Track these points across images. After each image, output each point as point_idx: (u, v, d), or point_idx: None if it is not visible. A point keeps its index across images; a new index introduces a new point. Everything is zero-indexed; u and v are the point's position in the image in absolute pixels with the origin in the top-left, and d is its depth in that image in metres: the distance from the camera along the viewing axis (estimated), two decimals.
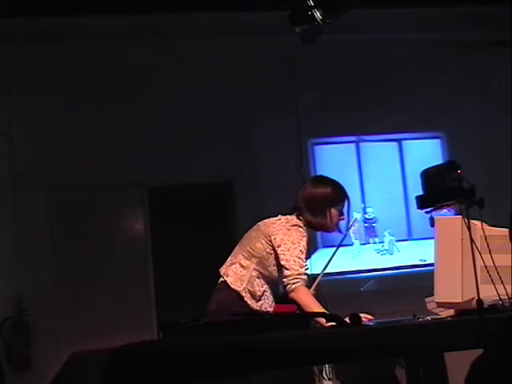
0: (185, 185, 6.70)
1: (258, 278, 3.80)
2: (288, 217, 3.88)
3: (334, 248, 4.18)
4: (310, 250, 3.90)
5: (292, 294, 3.65)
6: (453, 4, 6.81)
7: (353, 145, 7.09)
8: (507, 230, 2.45)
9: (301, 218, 3.87)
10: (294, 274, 3.67)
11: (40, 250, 6.30)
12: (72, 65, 6.49)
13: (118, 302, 6.30)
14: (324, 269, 4.06)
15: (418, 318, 3.38)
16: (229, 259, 3.94)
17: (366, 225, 6.90)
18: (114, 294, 6.31)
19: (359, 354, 2.91)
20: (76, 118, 6.47)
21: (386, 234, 6.88)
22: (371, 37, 6.84)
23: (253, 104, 6.73)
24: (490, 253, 3.23)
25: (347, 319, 3.14)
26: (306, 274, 3.71)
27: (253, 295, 3.78)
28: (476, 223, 3.30)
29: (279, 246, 3.76)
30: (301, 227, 3.81)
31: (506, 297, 3.23)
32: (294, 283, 3.65)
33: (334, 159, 7.04)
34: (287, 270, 3.69)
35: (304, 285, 3.68)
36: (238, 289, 3.79)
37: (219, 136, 6.69)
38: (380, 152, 7.11)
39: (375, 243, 6.91)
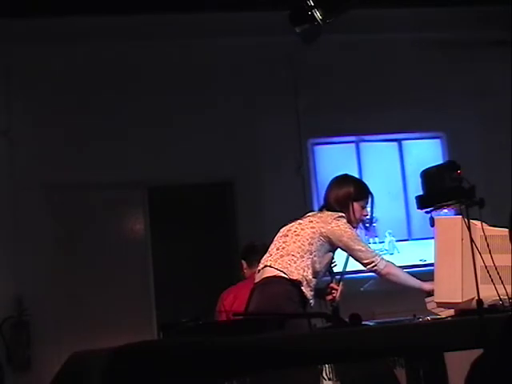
0: (185, 185, 6.70)
1: (309, 269, 3.79)
2: (326, 212, 3.97)
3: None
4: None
5: (383, 271, 3.81)
6: (453, 4, 6.82)
7: (353, 145, 7.09)
8: (507, 229, 2.45)
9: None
10: (373, 256, 3.84)
11: (40, 250, 6.30)
12: (72, 65, 6.50)
13: (118, 302, 6.30)
14: (344, 268, 4.15)
15: (418, 318, 3.38)
16: (274, 253, 3.86)
17: (366, 225, 6.89)
18: (113, 294, 6.31)
19: (359, 354, 2.91)
20: (76, 117, 6.47)
21: (386, 234, 6.88)
22: (371, 37, 6.84)
23: (253, 104, 6.73)
24: (490, 253, 3.23)
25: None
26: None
27: (309, 285, 3.78)
28: (476, 223, 3.30)
29: (346, 245, 3.88)
30: (342, 217, 3.92)
31: (506, 297, 3.22)
32: (380, 262, 3.80)
33: (333, 159, 7.04)
34: (365, 259, 3.86)
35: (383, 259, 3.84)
36: (298, 277, 3.75)
37: (219, 136, 6.69)
38: (380, 152, 7.12)
39: (375, 243, 6.91)
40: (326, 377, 3.11)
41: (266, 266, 3.80)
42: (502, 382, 1.95)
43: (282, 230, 3.94)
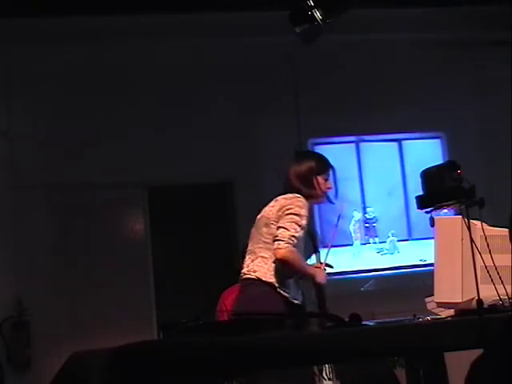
0: (185, 185, 6.70)
1: (277, 271, 3.78)
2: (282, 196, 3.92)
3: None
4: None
5: (284, 252, 3.66)
6: (453, 4, 6.82)
7: (353, 145, 7.09)
8: (507, 229, 2.45)
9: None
10: (291, 234, 3.70)
11: (40, 250, 6.30)
12: (72, 65, 6.49)
13: (118, 302, 6.30)
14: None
15: (418, 318, 3.38)
16: (246, 258, 3.88)
17: (366, 225, 6.90)
18: (114, 294, 6.31)
19: (359, 353, 2.91)
20: (76, 117, 6.47)
21: (389, 234, 6.88)
22: (371, 37, 6.84)
23: (253, 104, 6.73)
24: (490, 253, 3.23)
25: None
26: (297, 239, 3.71)
27: (285, 285, 3.76)
28: (476, 223, 3.30)
29: (283, 214, 3.78)
30: (299, 197, 3.85)
31: (506, 297, 3.23)
32: (286, 241, 3.67)
33: (334, 159, 7.02)
34: (284, 229, 3.71)
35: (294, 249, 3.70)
36: (271, 280, 3.74)
37: (219, 136, 6.69)
38: (380, 152, 7.12)
39: (375, 243, 6.92)
40: (326, 377, 3.11)
41: (243, 274, 3.84)
42: (502, 382, 1.95)
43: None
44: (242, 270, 3.86)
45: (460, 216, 3.28)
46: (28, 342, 6.19)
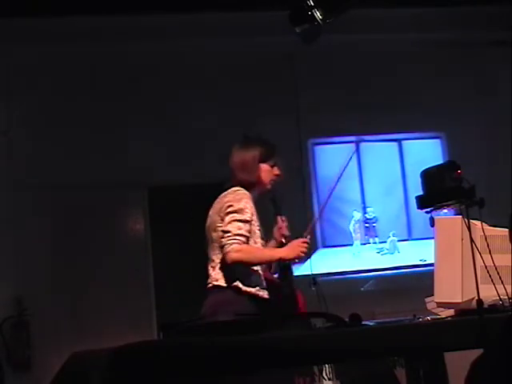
0: (185, 185, 6.70)
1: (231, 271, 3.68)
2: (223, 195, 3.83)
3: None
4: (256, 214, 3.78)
5: (231, 254, 3.54)
6: (453, 4, 6.81)
7: (353, 145, 7.09)
8: (507, 229, 2.46)
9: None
10: (232, 234, 3.58)
11: (40, 250, 6.30)
12: (72, 65, 6.50)
13: (117, 302, 6.30)
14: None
15: (418, 318, 3.38)
16: (208, 267, 3.79)
17: (366, 225, 6.90)
18: (113, 294, 6.31)
19: (359, 354, 2.91)
20: (76, 117, 6.48)
21: (390, 235, 6.88)
22: (371, 37, 6.84)
23: (253, 104, 6.73)
24: (490, 253, 3.24)
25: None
26: (244, 235, 3.60)
27: (250, 283, 3.68)
28: (476, 223, 3.30)
29: (224, 215, 3.67)
30: (238, 190, 3.75)
31: (506, 297, 3.23)
32: (231, 243, 3.56)
33: (334, 159, 7.03)
34: (225, 231, 3.60)
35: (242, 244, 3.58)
36: (234, 284, 3.65)
37: (219, 136, 6.69)
38: (380, 152, 7.12)
39: (375, 243, 6.92)
40: (326, 377, 3.11)
41: (208, 284, 3.76)
42: (502, 382, 1.95)
43: None
44: (208, 280, 3.76)
45: (460, 216, 3.28)
46: (28, 342, 6.19)
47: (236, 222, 3.62)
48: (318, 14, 4.70)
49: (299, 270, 6.02)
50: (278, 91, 6.73)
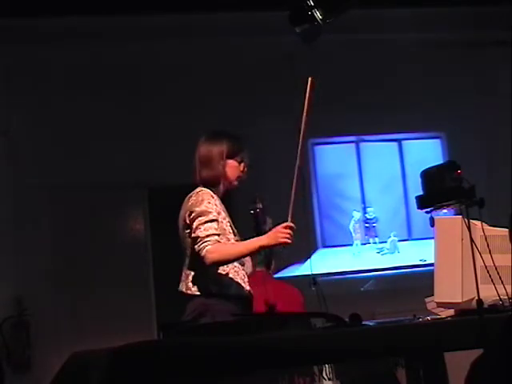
0: (185, 185, 6.67)
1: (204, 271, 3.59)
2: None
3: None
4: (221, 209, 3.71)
5: (208, 257, 3.42)
6: (453, 4, 6.81)
7: (353, 145, 7.09)
8: (507, 229, 2.46)
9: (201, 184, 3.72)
10: (202, 237, 3.47)
11: (40, 250, 6.30)
12: (72, 65, 6.50)
13: (117, 302, 6.30)
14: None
15: (418, 318, 3.38)
16: (183, 275, 3.70)
17: (366, 225, 6.90)
18: (113, 294, 6.30)
19: (359, 353, 2.92)
20: (76, 117, 6.47)
21: (391, 235, 6.88)
22: (371, 37, 6.84)
23: (253, 104, 6.73)
24: (490, 253, 3.24)
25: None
26: (216, 234, 3.49)
27: (221, 286, 3.57)
28: (476, 223, 3.30)
29: (190, 222, 3.57)
30: (198, 191, 3.68)
31: (506, 297, 3.23)
32: (200, 248, 3.45)
33: (333, 159, 7.04)
34: (195, 238, 3.49)
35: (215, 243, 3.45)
36: (205, 291, 3.56)
37: None
38: (380, 152, 7.12)
39: (375, 243, 6.92)
40: (326, 377, 3.11)
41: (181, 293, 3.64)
42: (502, 382, 1.95)
43: None
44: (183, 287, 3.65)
45: (460, 216, 3.28)
46: (28, 342, 6.19)
47: (202, 225, 3.51)
48: (318, 14, 4.70)
49: (299, 270, 6.04)
50: (278, 91, 6.72)
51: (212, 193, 3.69)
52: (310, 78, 3.61)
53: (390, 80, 6.97)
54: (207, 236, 3.48)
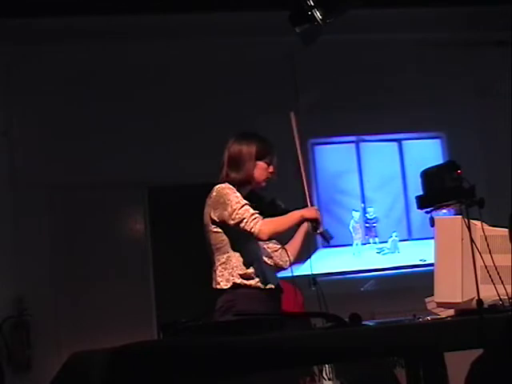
0: (185, 185, 6.70)
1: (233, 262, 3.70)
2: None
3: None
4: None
5: (261, 231, 3.53)
6: (453, 4, 6.82)
7: (353, 145, 7.09)
8: (507, 229, 2.46)
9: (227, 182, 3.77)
10: (247, 217, 3.56)
11: (40, 250, 6.30)
12: (72, 65, 6.50)
13: (117, 302, 6.30)
14: None
15: (418, 318, 3.38)
16: (212, 271, 3.80)
17: (367, 225, 6.90)
18: (113, 294, 6.31)
19: (359, 353, 2.91)
20: (76, 117, 6.48)
21: (393, 235, 6.88)
22: (371, 37, 6.84)
23: (253, 104, 6.72)
24: (490, 253, 3.23)
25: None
26: (258, 212, 3.58)
27: (249, 277, 3.67)
28: (476, 223, 3.30)
29: (220, 215, 3.65)
30: (221, 187, 3.73)
31: (506, 297, 3.23)
32: (252, 226, 3.54)
33: (334, 159, 7.04)
34: (239, 223, 3.57)
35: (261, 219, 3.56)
36: (235, 281, 3.66)
37: (219, 136, 6.66)
38: (380, 152, 7.12)
39: (375, 243, 6.91)
40: (326, 377, 3.11)
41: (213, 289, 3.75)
42: (502, 382, 1.95)
43: None
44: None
45: (460, 216, 3.28)
46: (28, 342, 6.19)
47: (240, 208, 3.58)
48: (318, 14, 4.70)
49: (299, 270, 6.02)
50: (277, 91, 6.73)
51: (233, 188, 3.73)
52: (291, 113, 3.64)
53: (389, 80, 6.97)
54: (252, 215, 3.56)
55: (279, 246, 3.92)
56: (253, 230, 3.55)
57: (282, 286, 3.77)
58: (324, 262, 6.69)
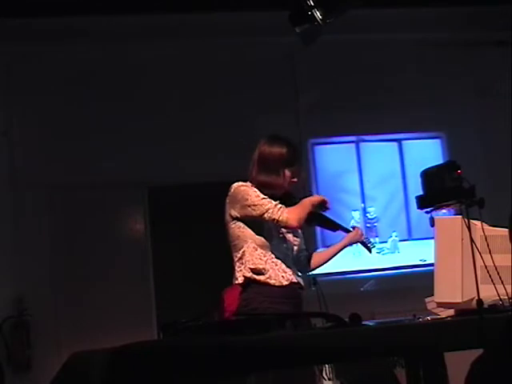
0: (185, 185, 6.70)
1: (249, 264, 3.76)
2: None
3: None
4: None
5: (289, 218, 3.62)
6: (453, 4, 6.82)
7: (353, 145, 7.09)
8: (507, 229, 2.45)
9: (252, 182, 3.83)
10: (272, 207, 3.64)
11: (40, 250, 6.30)
12: (72, 65, 6.50)
13: (117, 302, 6.30)
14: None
15: (418, 318, 3.38)
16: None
17: (368, 225, 6.89)
18: (113, 294, 6.31)
19: (359, 353, 2.91)
20: (76, 117, 6.47)
21: (393, 235, 6.87)
22: (371, 37, 6.84)
23: (253, 104, 6.73)
24: (490, 253, 3.23)
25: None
26: (279, 203, 3.67)
27: (259, 272, 3.73)
28: (476, 223, 3.30)
29: (241, 209, 3.73)
30: (244, 186, 3.79)
31: (506, 297, 3.23)
32: (280, 214, 3.62)
33: (334, 159, 7.04)
34: (264, 213, 3.65)
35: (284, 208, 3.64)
36: (250, 276, 3.73)
37: (219, 136, 6.69)
38: (380, 152, 7.11)
39: (376, 243, 6.91)
40: (325, 377, 3.11)
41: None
42: (502, 382, 1.95)
43: None
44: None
45: (460, 216, 3.28)
46: (28, 342, 6.19)
47: (262, 199, 3.67)
48: (318, 14, 4.70)
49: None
50: (278, 91, 6.73)
51: (251, 186, 3.81)
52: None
53: (389, 80, 6.97)
54: (276, 205, 3.64)
55: (299, 240, 3.94)
56: (281, 219, 3.63)
57: (299, 282, 3.82)
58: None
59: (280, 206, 3.66)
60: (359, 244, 4.03)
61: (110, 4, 6.13)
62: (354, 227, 4.08)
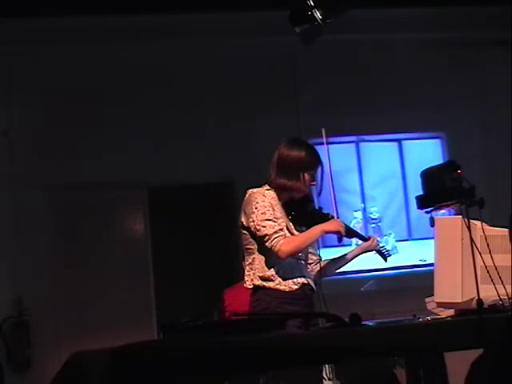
0: (185, 185, 6.70)
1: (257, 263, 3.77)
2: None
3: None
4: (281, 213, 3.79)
5: (280, 250, 3.60)
6: (453, 4, 6.81)
7: (353, 145, 7.09)
8: (507, 229, 2.45)
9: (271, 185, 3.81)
10: (270, 235, 3.63)
11: (40, 250, 6.30)
12: (72, 65, 6.49)
13: (118, 302, 6.30)
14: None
15: (418, 318, 3.38)
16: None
17: (372, 225, 6.89)
18: (113, 294, 6.31)
19: (359, 353, 2.91)
20: (76, 117, 6.47)
21: (390, 238, 6.87)
22: (371, 37, 6.84)
23: (253, 104, 6.73)
24: (490, 253, 3.24)
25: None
26: (281, 229, 3.66)
27: (267, 279, 3.72)
28: (476, 223, 3.30)
29: (246, 222, 3.74)
30: (261, 194, 3.76)
31: (506, 297, 3.23)
32: (274, 244, 3.61)
33: (334, 159, 7.02)
34: (263, 237, 3.65)
35: (283, 238, 3.64)
36: (258, 283, 3.72)
37: (219, 136, 6.69)
38: (380, 152, 7.11)
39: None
40: (326, 377, 3.11)
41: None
42: (502, 382, 1.95)
43: None
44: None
45: (460, 216, 3.28)
46: (28, 342, 6.19)
47: (265, 221, 3.65)
48: (318, 14, 4.70)
49: None
50: (278, 91, 6.73)
51: (276, 196, 3.78)
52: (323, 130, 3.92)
53: (389, 80, 6.97)
54: (275, 232, 3.63)
55: (316, 258, 3.95)
56: (273, 249, 3.63)
57: (312, 286, 3.82)
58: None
59: (277, 235, 3.63)
60: (375, 252, 4.03)
61: (110, 4, 6.12)
62: (369, 236, 4.09)
